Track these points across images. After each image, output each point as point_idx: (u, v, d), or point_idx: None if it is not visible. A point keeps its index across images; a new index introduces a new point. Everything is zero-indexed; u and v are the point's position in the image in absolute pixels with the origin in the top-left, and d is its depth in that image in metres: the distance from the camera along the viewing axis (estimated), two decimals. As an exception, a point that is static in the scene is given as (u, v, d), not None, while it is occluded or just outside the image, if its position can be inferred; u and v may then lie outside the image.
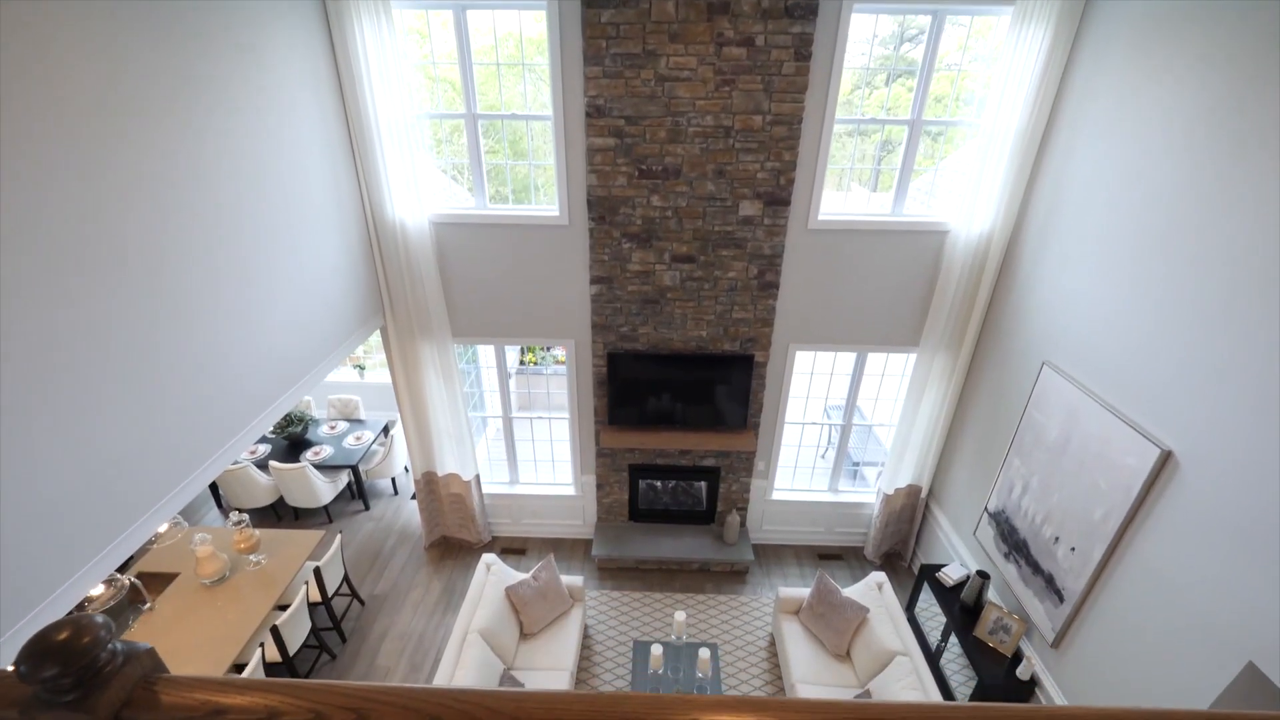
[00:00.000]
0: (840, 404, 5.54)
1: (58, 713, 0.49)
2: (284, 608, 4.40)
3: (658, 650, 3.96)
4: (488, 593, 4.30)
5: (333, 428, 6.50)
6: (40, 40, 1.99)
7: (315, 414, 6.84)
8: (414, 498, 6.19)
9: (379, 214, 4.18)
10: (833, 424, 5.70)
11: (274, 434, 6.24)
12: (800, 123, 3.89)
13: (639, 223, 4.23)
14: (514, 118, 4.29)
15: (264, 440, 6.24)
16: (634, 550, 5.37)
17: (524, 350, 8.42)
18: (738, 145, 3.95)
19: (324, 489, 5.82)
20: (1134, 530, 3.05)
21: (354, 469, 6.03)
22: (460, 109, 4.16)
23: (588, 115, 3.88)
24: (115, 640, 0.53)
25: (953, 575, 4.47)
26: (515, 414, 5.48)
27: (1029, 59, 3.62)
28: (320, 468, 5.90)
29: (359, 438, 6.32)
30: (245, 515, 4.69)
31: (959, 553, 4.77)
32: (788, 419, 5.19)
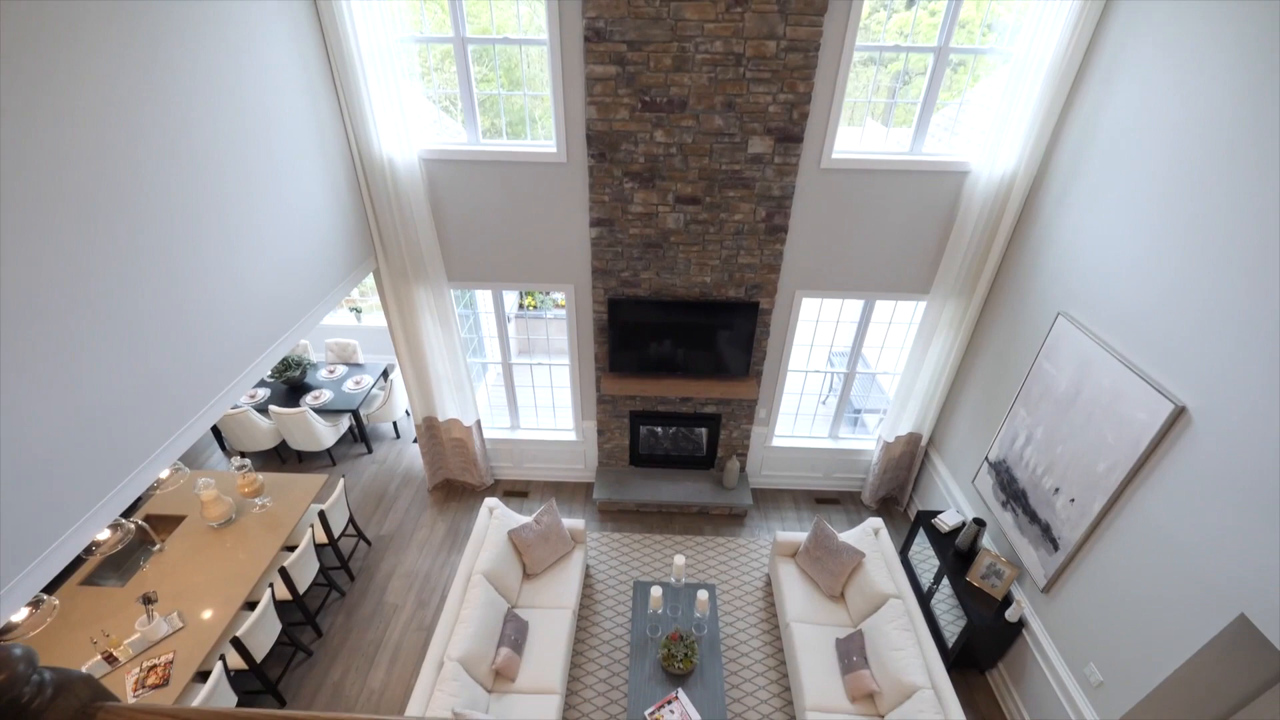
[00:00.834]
0: (844, 351, 5.46)
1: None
2: (292, 548, 4.49)
3: (657, 591, 4.07)
4: (491, 536, 4.37)
5: (331, 371, 6.46)
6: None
7: (313, 358, 6.78)
8: (415, 442, 6.23)
9: (365, 149, 3.94)
10: (836, 372, 5.64)
11: (272, 378, 6.20)
12: (817, 50, 3.59)
13: (641, 160, 3.99)
14: (507, 42, 3.96)
15: (263, 384, 6.20)
16: (634, 494, 5.45)
17: (523, 294, 8.26)
18: (749, 75, 3.67)
19: (326, 433, 5.84)
20: (1138, 484, 3.04)
21: (355, 413, 6.03)
22: (449, 32, 3.83)
23: (586, 40, 3.57)
24: (40, 671, 0.46)
25: (949, 521, 4.53)
26: (515, 360, 5.40)
27: (1072, -22, 3.28)
28: (321, 412, 5.90)
29: (358, 382, 6.29)
30: (247, 460, 4.71)
31: (956, 500, 4.83)
32: (791, 367, 5.12)
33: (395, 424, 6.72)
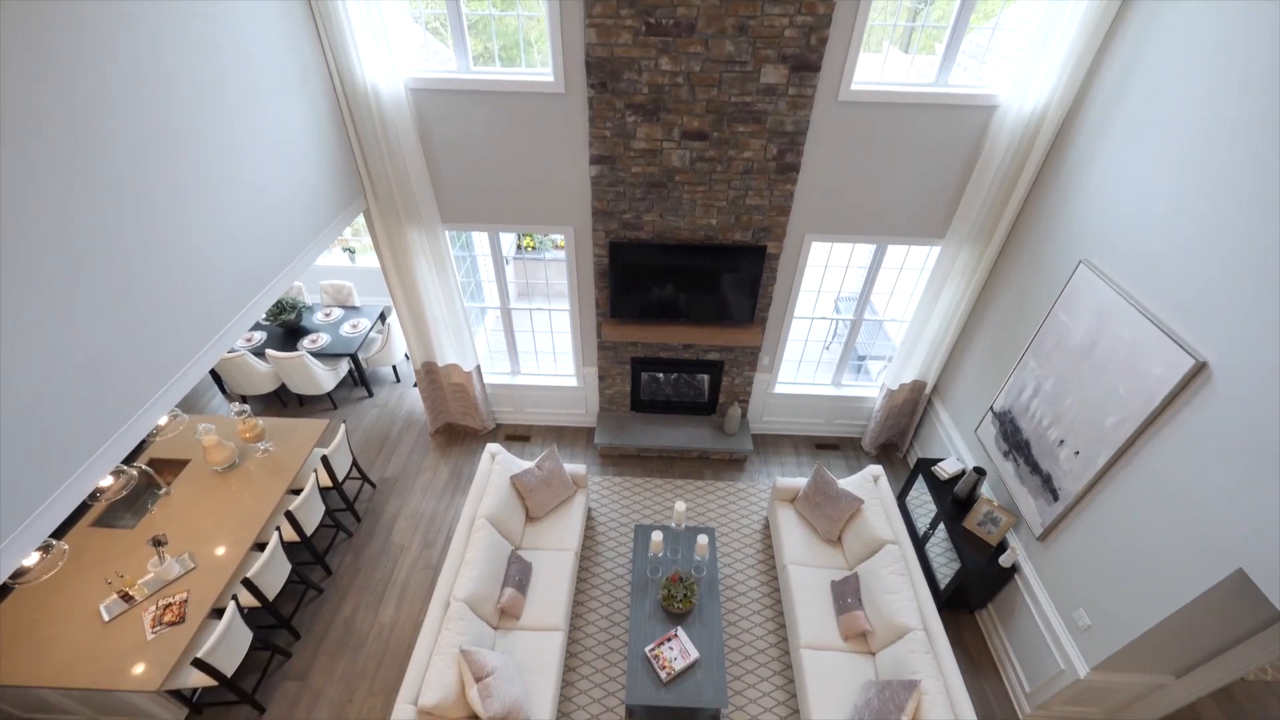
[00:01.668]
0: (852, 297, 5.31)
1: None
2: (297, 492, 4.55)
3: (658, 536, 4.14)
4: (494, 481, 4.41)
5: (328, 314, 6.34)
6: None
7: (308, 300, 6.64)
8: (415, 386, 6.20)
9: (347, 78, 3.65)
10: (842, 318, 5.52)
11: (268, 321, 6.09)
12: (841, -36, 3.25)
13: (645, 91, 3.71)
14: (497, -46, 3.58)
15: (259, 328, 6.10)
16: (635, 439, 5.47)
17: (520, 235, 7.99)
18: (764, -6, 3.33)
19: (325, 376, 5.80)
20: (1146, 439, 2.99)
21: (353, 357, 5.96)
22: (432, -58, 3.46)
23: (585, -49, 3.22)
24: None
25: (948, 469, 4.55)
26: (514, 305, 5.28)
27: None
28: (319, 355, 5.83)
29: (355, 325, 6.19)
30: (247, 405, 4.68)
31: (957, 448, 4.83)
32: (796, 314, 5.00)
33: (395, 368, 6.67)
